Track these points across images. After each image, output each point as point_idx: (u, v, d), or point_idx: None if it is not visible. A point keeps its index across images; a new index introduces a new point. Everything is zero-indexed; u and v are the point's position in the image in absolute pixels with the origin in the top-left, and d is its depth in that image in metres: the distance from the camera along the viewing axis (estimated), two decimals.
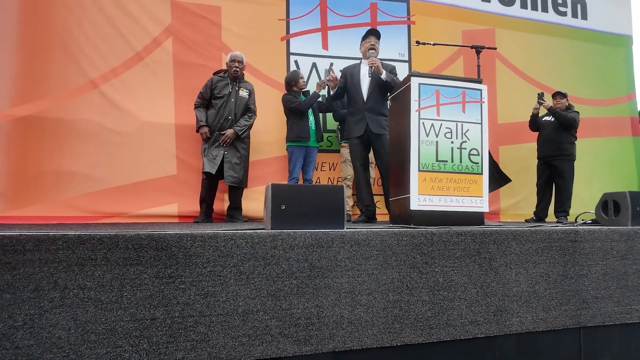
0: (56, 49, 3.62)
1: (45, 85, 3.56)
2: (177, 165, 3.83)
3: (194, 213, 3.76)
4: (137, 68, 3.81)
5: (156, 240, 1.62)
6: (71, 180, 3.51)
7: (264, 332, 1.71)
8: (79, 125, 3.59)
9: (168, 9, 3.94)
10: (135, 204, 3.64)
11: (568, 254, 2.25)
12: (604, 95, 5.63)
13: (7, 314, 1.44)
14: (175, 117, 3.87)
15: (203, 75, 3.95)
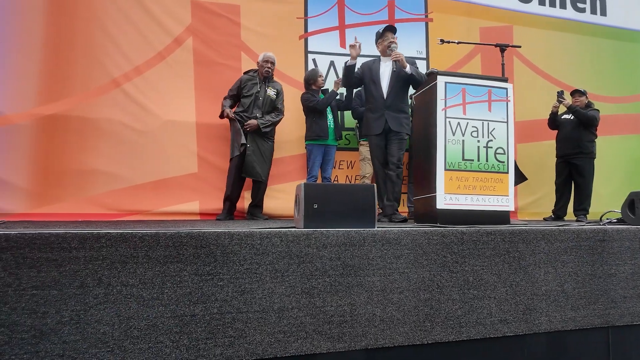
0: (80, 49, 3.67)
1: (70, 84, 3.62)
2: (198, 163, 3.87)
3: (215, 210, 3.80)
4: (158, 67, 3.85)
5: (195, 238, 1.65)
6: (94, 178, 3.56)
7: (299, 329, 1.73)
8: (102, 124, 3.64)
9: (188, 8, 3.97)
10: (157, 202, 3.69)
11: (596, 253, 2.24)
12: (623, 92, 5.56)
13: (54, 309, 1.48)
14: (196, 116, 3.91)
15: (223, 74, 3.99)
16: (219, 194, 3.80)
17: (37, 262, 1.48)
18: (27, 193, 3.35)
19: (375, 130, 3.52)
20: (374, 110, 3.56)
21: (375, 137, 3.56)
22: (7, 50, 3.48)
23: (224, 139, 3.93)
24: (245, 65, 4.06)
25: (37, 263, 1.48)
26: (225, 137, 3.93)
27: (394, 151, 3.51)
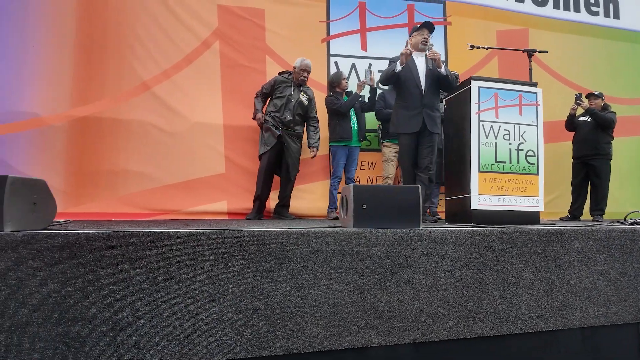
0: (111, 53, 3.76)
1: (102, 87, 3.71)
2: (226, 164, 3.96)
3: (242, 210, 3.89)
4: (186, 70, 3.94)
5: (257, 237, 1.74)
6: (126, 178, 3.66)
7: (352, 323, 1.82)
8: (134, 126, 3.73)
9: (215, 13, 4.06)
10: (187, 201, 3.78)
11: (627, 252, 2.32)
12: (632, 93, 5.64)
13: (130, 304, 1.57)
14: (223, 118, 4.00)
15: (249, 76, 4.08)
16: (246, 194, 3.90)
17: (114, 259, 1.57)
18: (61, 192, 3.43)
19: (412, 128, 3.45)
20: (410, 107, 3.47)
21: (408, 137, 3.49)
22: (40, 53, 3.58)
23: (251, 141, 4.03)
24: (270, 68, 4.15)
25: (114, 260, 1.57)
26: (251, 138, 4.03)
27: (425, 153, 3.50)
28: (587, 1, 5.50)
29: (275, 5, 4.25)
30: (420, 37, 3.52)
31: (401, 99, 3.57)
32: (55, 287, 1.50)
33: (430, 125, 3.45)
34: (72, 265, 1.53)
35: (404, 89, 3.53)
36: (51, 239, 1.52)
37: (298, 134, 3.90)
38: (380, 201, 1.98)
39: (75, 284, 1.52)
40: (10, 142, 3.37)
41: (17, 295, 1.46)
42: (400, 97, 3.59)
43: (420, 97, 3.47)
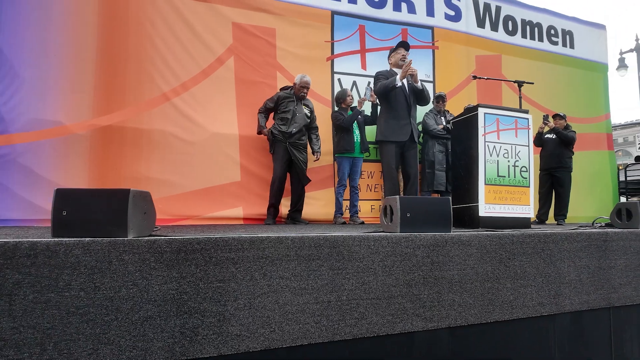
0: (132, 64, 3.89)
1: (123, 97, 3.83)
2: (241, 172, 4.20)
3: (257, 216, 4.15)
4: (203, 83, 4.14)
5: (329, 241, 2.07)
6: (147, 185, 3.78)
7: (402, 312, 2.19)
8: (154, 135, 3.88)
9: (230, 30, 4.30)
10: (205, 207, 3.98)
11: (602, 250, 2.88)
12: (588, 114, 6.51)
13: (233, 298, 1.84)
14: (238, 129, 4.24)
15: (261, 91, 4.35)
16: (260, 201, 4.16)
17: (219, 260, 1.84)
18: None
19: (402, 136, 3.79)
20: (400, 118, 3.81)
21: (396, 145, 3.83)
22: (63, 63, 3.65)
23: (263, 150, 4.30)
24: (281, 83, 4.44)
25: (220, 261, 1.84)
26: (264, 148, 4.30)
27: (412, 163, 3.93)
28: (548, 32, 6.29)
29: (286, 25, 4.55)
30: (399, 55, 3.93)
31: (391, 110, 3.88)
32: (173, 285, 1.76)
33: (415, 136, 3.90)
34: (187, 266, 1.79)
35: (394, 101, 3.85)
36: (170, 244, 1.77)
37: (303, 145, 4.22)
38: (420, 210, 2.38)
39: (190, 282, 1.78)
40: (35, 149, 3.42)
41: (142, 292, 1.70)
42: (390, 107, 3.89)
43: (408, 109, 3.84)
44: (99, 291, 1.64)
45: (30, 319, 1.55)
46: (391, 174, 3.93)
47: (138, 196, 1.81)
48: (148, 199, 1.93)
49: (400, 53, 3.94)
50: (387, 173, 3.87)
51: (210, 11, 4.23)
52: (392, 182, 3.91)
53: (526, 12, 6.09)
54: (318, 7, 4.73)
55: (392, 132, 3.80)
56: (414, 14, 5.23)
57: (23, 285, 1.55)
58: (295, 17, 4.61)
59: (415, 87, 3.83)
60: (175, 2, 4.09)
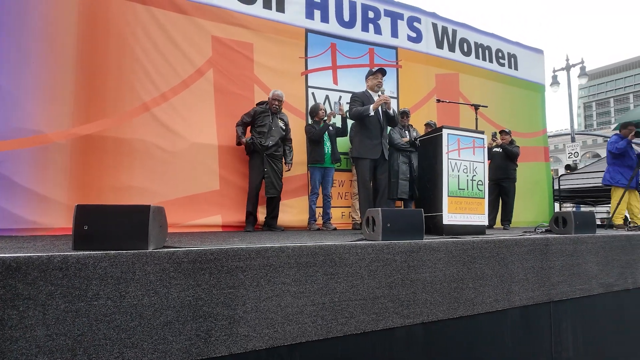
0: (112, 74, 3.91)
1: (104, 106, 3.83)
2: (220, 181, 4.34)
3: (235, 223, 4.31)
4: (183, 94, 4.23)
5: (324, 249, 2.34)
6: (128, 194, 3.83)
7: (385, 311, 2.51)
8: (135, 144, 3.92)
9: (209, 43, 4.43)
10: (185, 216, 4.08)
11: (543, 253, 3.37)
12: (528, 129, 7.28)
13: (242, 302, 2.06)
14: (217, 139, 4.38)
15: (239, 103, 4.52)
16: (238, 209, 4.33)
17: (230, 268, 2.05)
18: (66, 207, 3.50)
19: (374, 155, 4.11)
20: (373, 137, 4.12)
21: (370, 161, 4.14)
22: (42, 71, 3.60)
23: (242, 160, 4.46)
24: (258, 96, 4.64)
25: (230, 269, 2.05)
26: (242, 158, 4.47)
27: (383, 178, 4.28)
28: (497, 54, 6.97)
29: (263, 41, 4.76)
30: (375, 80, 4.23)
31: (365, 130, 4.19)
32: (190, 292, 1.94)
33: (385, 154, 4.27)
34: (202, 274, 1.98)
35: (368, 122, 4.16)
36: (187, 255, 1.95)
37: (280, 156, 4.46)
38: (398, 221, 2.71)
39: (204, 289, 1.98)
40: (14, 158, 3.35)
41: (163, 299, 1.88)
42: (365, 128, 4.20)
43: (380, 130, 4.20)
44: (124, 299, 1.80)
45: (62, 327, 1.68)
46: (366, 186, 4.24)
47: (156, 211, 1.98)
48: (163, 213, 2.10)
49: (378, 79, 4.23)
50: (362, 185, 4.17)
51: (191, 24, 4.35)
52: (367, 193, 4.21)
53: (478, 36, 6.73)
54: (293, 25, 4.99)
55: (367, 151, 4.10)
56: (380, 34, 5.64)
57: (55, 295, 1.68)
58: (272, 33, 4.83)
59: (388, 112, 4.18)
60: (156, 14, 4.17)
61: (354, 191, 5.10)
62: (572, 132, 14.77)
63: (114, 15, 3.96)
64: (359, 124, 4.23)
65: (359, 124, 4.23)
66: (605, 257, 3.78)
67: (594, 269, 3.67)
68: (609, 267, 3.79)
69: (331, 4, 5.27)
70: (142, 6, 4.11)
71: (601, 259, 3.74)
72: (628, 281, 3.92)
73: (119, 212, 1.90)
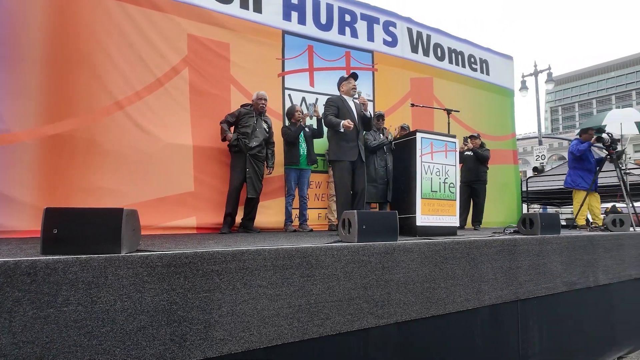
0: (83, 71, 3.78)
1: (74, 104, 3.71)
2: (194, 182, 4.28)
3: (210, 225, 4.26)
4: (158, 93, 4.15)
5: (300, 251, 2.35)
6: (100, 195, 3.73)
7: (359, 311, 2.55)
8: (107, 144, 3.81)
9: (185, 41, 4.36)
10: (159, 218, 3.99)
11: (511, 254, 3.51)
12: (498, 133, 7.53)
13: (217, 306, 2.04)
14: (192, 140, 4.32)
15: (216, 103, 4.48)
16: (213, 210, 4.28)
17: (206, 272, 2.04)
18: (34, 209, 3.37)
19: (351, 157, 4.12)
20: (349, 140, 4.14)
21: (348, 164, 4.15)
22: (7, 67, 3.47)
23: (217, 161, 4.43)
24: (234, 97, 4.61)
25: (206, 273, 2.04)
26: (217, 159, 4.43)
27: (360, 180, 4.33)
28: (469, 59, 7.18)
29: (239, 41, 4.72)
30: (349, 85, 4.24)
31: (342, 133, 4.16)
32: (164, 296, 1.92)
33: (362, 156, 4.32)
34: (176, 278, 1.96)
35: None
36: (161, 259, 1.93)
37: (263, 158, 4.45)
38: (373, 222, 2.76)
39: (179, 293, 1.96)
40: None
41: (136, 304, 1.85)
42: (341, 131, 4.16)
43: (356, 132, 4.22)
44: (96, 305, 1.76)
45: (30, 334, 1.62)
46: (344, 189, 4.24)
47: (130, 214, 1.95)
48: (136, 216, 2.07)
49: (351, 83, 4.24)
50: (340, 187, 4.15)
51: (166, 21, 4.27)
52: (345, 195, 4.22)
53: (452, 42, 6.91)
54: (270, 26, 4.98)
55: (343, 153, 4.10)
56: (356, 38, 5.70)
57: (23, 302, 1.62)
58: (249, 33, 4.80)
59: (364, 114, 4.21)
60: (129, 10, 4.07)
61: (330, 193, 5.14)
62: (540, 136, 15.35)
63: (84, 10, 3.85)
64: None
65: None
66: (569, 257, 3.96)
67: (558, 268, 3.84)
68: (572, 266, 3.98)
69: (308, 6, 5.30)
70: (114, 2, 4.01)
71: (565, 259, 3.92)
72: (589, 279, 4.12)
73: (90, 215, 1.86)
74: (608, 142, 5.43)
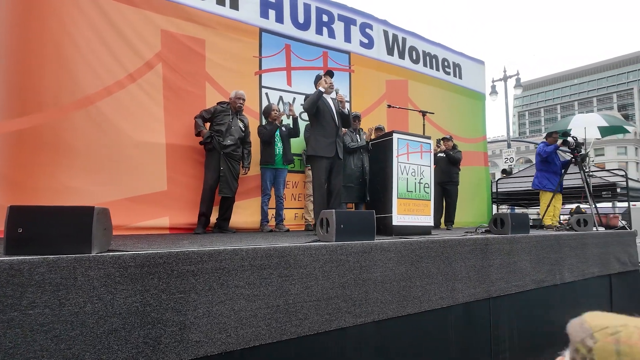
0: (50, 64, 3.59)
1: (40, 99, 3.52)
2: (167, 181, 4.16)
3: (183, 225, 4.15)
4: (130, 88, 4.00)
5: (278, 251, 2.33)
6: (68, 195, 3.55)
7: (337, 310, 2.54)
8: (75, 141, 3.64)
9: (158, 36, 4.23)
10: (130, 218, 3.85)
11: (483, 253, 3.60)
12: (470, 135, 7.72)
13: (193, 307, 2.00)
14: (165, 137, 4.19)
15: (190, 100, 4.38)
16: (187, 210, 4.18)
17: (181, 272, 1.98)
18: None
19: (329, 153, 4.08)
20: (327, 136, 4.10)
21: (325, 160, 4.09)
22: None
23: (191, 160, 4.32)
24: (210, 94, 4.52)
25: (181, 273, 1.98)
26: (192, 158, 4.33)
27: (338, 179, 4.34)
28: (443, 63, 7.33)
29: (215, 37, 4.63)
30: (329, 82, 4.20)
31: (320, 128, 4.15)
32: (137, 298, 1.85)
33: (340, 153, 4.31)
34: (150, 279, 1.90)
35: (323, 120, 4.15)
36: (134, 259, 1.86)
37: (238, 157, 4.38)
38: (351, 222, 2.76)
39: (153, 295, 1.89)
40: None
41: (108, 306, 1.78)
42: (320, 126, 4.16)
43: (335, 129, 4.19)
44: (64, 307, 1.68)
45: None
46: (321, 187, 4.20)
47: (101, 213, 1.87)
48: (108, 215, 1.99)
49: (329, 80, 4.21)
50: (317, 186, 4.11)
51: (138, 15, 4.13)
52: (321, 193, 4.19)
53: (426, 45, 7.04)
54: (247, 23, 4.91)
55: (322, 148, 4.06)
56: (334, 38, 5.72)
57: None
58: (224, 30, 4.72)
59: (343, 111, 4.21)
60: (100, 2, 3.90)
61: (307, 192, 5.12)
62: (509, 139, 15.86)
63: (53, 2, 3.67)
64: (314, 122, 4.17)
65: (314, 122, 4.19)
66: (537, 256, 4.10)
67: (527, 267, 3.96)
68: (540, 264, 4.12)
69: (286, 4, 5.26)
70: None
71: (534, 257, 4.06)
72: (556, 277, 4.28)
73: (59, 214, 1.78)
74: (573, 145, 5.67)
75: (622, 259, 5.39)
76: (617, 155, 50.62)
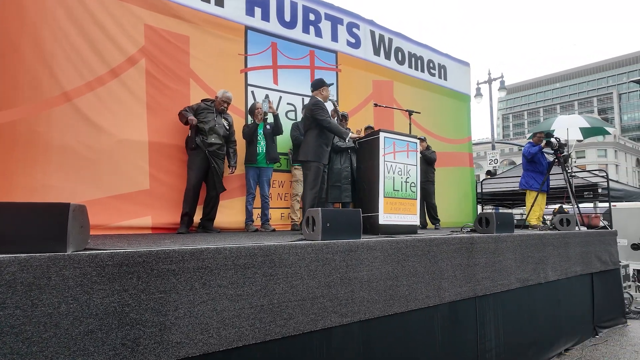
0: (27, 58, 3.47)
1: (15, 93, 3.39)
2: (150, 180, 4.06)
3: (166, 225, 4.06)
4: (111, 84, 3.89)
5: (263, 250, 2.28)
6: (44, 193, 3.43)
7: (323, 310, 2.51)
8: (53, 138, 3.52)
9: (142, 31, 4.13)
10: (111, 217, 3.75)
11: (469, 251, 3.60)
12: (455, 136, 7.78)
13: (173, 308, 1.93)
14: (148, 135, 4.09)
15: (174, 97, 4.29)
16: (170, 210, 4.09)
17: (161, 272, 1.92)
18: None
19: (325, 159, 4.17)
20: (328, 144, 4.18)
21: (322, 165, 4.16)
22: None
23: (174, 158, 4.23)
24: (194, 92, 4.44)
25: (161, 273, 1.92)
26: (175, 156, 4.23)
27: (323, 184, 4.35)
28: (428, 65, 7.37)
29: (200, 34, 4.55)
30: (327, 92, 4.27)
31: (324, 136, 4.14)
32: (115, 298, 1.79)
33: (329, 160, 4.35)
34: (129, 278, 1.83)
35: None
36: (112, 258, 1.79)
37: (221, 155, 4.32)
38: (337, 220, 2.73)
39: (132, 295, 1.83)
40: None
41: (83, 307, 1.71)
42: (324, 135, 4.15)
43: (332, 137, 4.27)
44: (36, 308, 1.60)
45: None
46: (315, 190, 4.15)
47: (77, 210, 1.80)
48: (85, 212, 1.92)
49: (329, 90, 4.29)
50: (311, 188, 4.08)
51: (121, 9, 4.03)
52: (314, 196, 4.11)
53: (412, 46, 7.06)
54: (232, 21, 4.85)
55: (321, 156, 4.08)
56: (321, 37, 5.69)
57: None
58: (209, 27, 4.65)
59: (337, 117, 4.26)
60: None
61: (293, 192, 5.07)
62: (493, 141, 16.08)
63: None
64: (317, 129, 4.10)
65: (317, 129, 4.11)
66: (522, 255, 4.14)
67: (512, 266, 3.99)
68: (525, 263, 4.16)
69: (272, 2, 5.21)
70: None
71: (518, 256, 4.09)
72: (540, 276, 4.33)
73: (32, 211, 1.70)
74: (556, 146, 5.76)
75: (603, 258, 5.49)
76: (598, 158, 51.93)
